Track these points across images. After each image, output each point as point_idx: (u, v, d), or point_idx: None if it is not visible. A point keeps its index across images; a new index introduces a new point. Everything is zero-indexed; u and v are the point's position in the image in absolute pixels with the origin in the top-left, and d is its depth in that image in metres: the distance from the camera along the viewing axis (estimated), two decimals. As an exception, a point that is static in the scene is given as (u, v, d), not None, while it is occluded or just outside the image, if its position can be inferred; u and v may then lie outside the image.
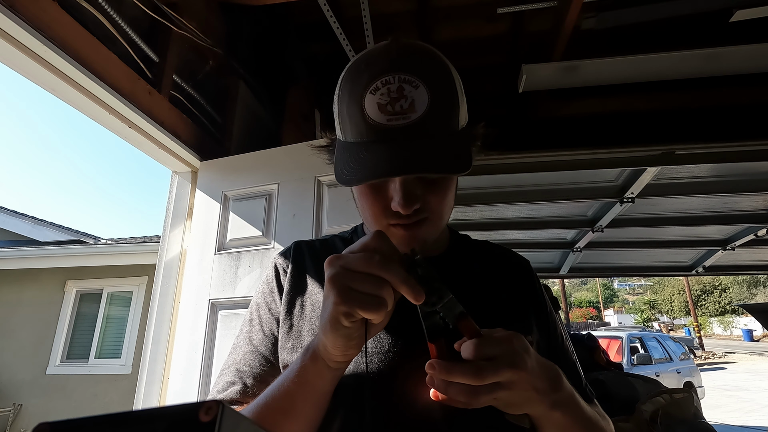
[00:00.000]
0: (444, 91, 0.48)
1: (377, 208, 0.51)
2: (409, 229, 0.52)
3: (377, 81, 0.47)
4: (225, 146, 1.79)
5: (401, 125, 0.46)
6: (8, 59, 1.04)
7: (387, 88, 0.46)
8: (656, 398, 2.11)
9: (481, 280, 0.61)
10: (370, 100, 0.47)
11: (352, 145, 0.49)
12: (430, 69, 0.48)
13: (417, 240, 0.53)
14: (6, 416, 5.01)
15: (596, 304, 43.65)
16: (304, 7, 1.76)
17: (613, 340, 7.14)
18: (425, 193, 0.50)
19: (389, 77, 0.47)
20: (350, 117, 0.49)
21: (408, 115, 0.46)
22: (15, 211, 6.31)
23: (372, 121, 0.47)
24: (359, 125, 0.48)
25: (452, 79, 0.50)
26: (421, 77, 0.47)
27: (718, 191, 2.34)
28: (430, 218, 0.52)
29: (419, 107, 0.46)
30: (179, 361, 1.42)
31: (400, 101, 0.46)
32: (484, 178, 2.29)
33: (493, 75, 2.16)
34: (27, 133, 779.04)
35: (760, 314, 3.33)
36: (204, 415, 0.18)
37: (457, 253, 0.64)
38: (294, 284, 0.61)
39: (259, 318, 0.62)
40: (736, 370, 14.46)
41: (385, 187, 0.50)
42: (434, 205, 0.52)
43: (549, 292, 2.74)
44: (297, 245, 0.67)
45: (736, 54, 1.65)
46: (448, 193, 0.53)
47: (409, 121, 0.46)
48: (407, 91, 0.46)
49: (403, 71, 0.47)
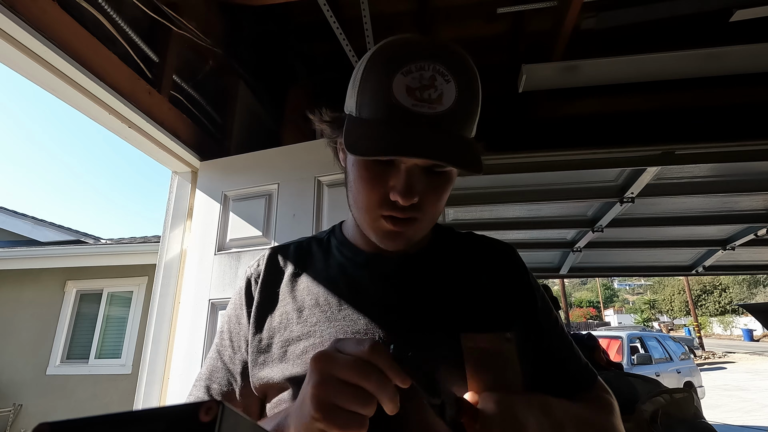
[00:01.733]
0: (470, 95, 0.48)
1: (375, 195, 0.50)
2: (399, 225, 0.51)
3: (412, 64, 0.46)
4: (225, 146, 1.79)
5: (426, 113, 0.45)
6: (8, 59, 1.04)
7: (420, 73, 0.45)
8: (656, 398, 2.11)
9: (462, 274, 0.59)
10: (399, 81, 0.45)
11: (369, 121, 0.47)
12: (464, 70, 0.48)
13: (404, 237, 0.52)
14: (6, 416, 5.01)
15: (596, 304, 43.64)
16: (304, 7, 1.76)
17: (613, 340, 7.14)
18: (425, 191, 0.49)
19: (425, 63, 0.46)
20: (374, 93, 0.47)
21: (434, 106, 0.45)
22: (15, 211, 6.31)
23: (396, 102, 0.45)
24: (381, 103, 0.46)
25: (478, 86, 0.50)
26: (454, 74, 0.46)
27: (718, 191, 2.34)
28: (420, 219, 0.51)
29: (446, 101, 0.45)
30: (179, 361, 1.42)
31: (429, 90, 0.45)
32: (484, 178, 2.29)
33: (493, 75, 2.16)
34: (27, 133, 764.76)
35: (760, 314, 3.33)
36: (204, 415, 0.18)
37: (439, 247, 0.62)
38: (265, 296, 0.58)
39: (229, 332, 0.60)
40: (736, 369, 14.46)
41: (386, 174, 0.49)
42: (429, 205, 0.51)
43: (549, 292, 2.74)
44: (271, 252, 0.64)
45: (736, 54, 1.65)
46: (444, 195, 0.53)
47: (435, 112, 0.45)
48: (438, 82, 0.45)
49: (440, 62, 0.46)
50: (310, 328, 0.53)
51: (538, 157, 2.06)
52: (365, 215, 0.52)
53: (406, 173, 0.48)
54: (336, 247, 0.62)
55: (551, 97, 2.11)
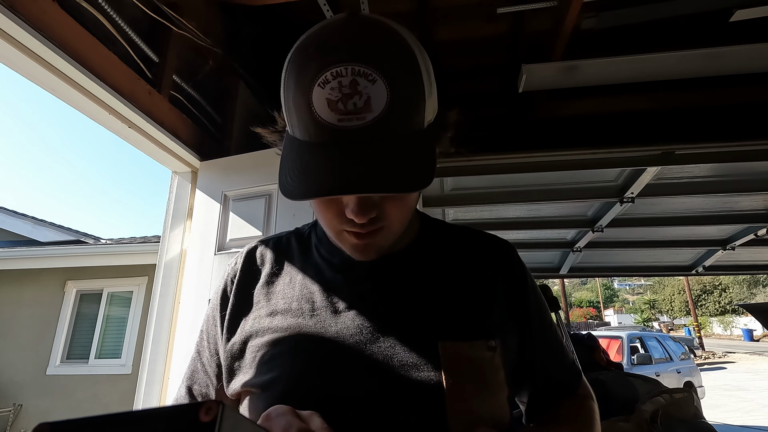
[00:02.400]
0: (407, 85, 0.41)
1: (330, 213, 0.46)
2: (364, 238, 0.47)
3: (327, 72, 0.39)
4: (225, 146, 1.79)
5: (354, 127, 0.39)
6: (8, 59, 1.04)
7: (338, 81, 0.39)
8: (656, 398, 2.11)
9: (448, 273, 0.54)
10: (318, 95, 0.39)
11: (300, 143, 0.43)
12: (391, 57, 0.40)
13: (373, 247, 0.49)
14: (6, 416, 5.01)
15: (596, 304, 43.63)
16: (304, 7, 1.76)
17: (613, 340, 7.13)
18: (383, 201, 0.45)
19: (341, 68, 0.39)
20: (297, 111, 0.41)
21: (363, 116, 0.39)
22: (15, 211, 6.32)
23: (321, 120, 0.40)
24: (307, 122, 0.41)
25: (418, 68, 0.42)
26: (379, 69, 0.39)
27: (718, 191, 2.34)
28: (387, 226, 0.47)
29: (376, 106, 0.39)
30: (179, 361, 1.42)
31: (353, 98, 0.39)
32: (484, 178, 2.29)
33: (493, 75, 2.16)
34: (27, 133, 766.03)
35: (760, 314, 3.33)
36: (204, 415, 0.18)
37: (423, 246, 0.57)
38: (239, 299, 0.56)
39: (206, 332, 0.59)
40: (736, 369, 14.46)
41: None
42: (392, 213, 0.46)
43: (549, 292, 2.74)
44: (248, 250, 0.61)
45: (736, 54, 1.65)
46: (407, 201, 0.48)
47: (364, 123, 0.39)
48: (362, 86, 0.39)
49: (358, 61, 0.39)
50: (281, 335, 0.50)
51: (538, 157, 2.06)
52: (330, 231, 0.50)
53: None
54: (315, 245, 0.59)
55: (551, 97, 2.11)
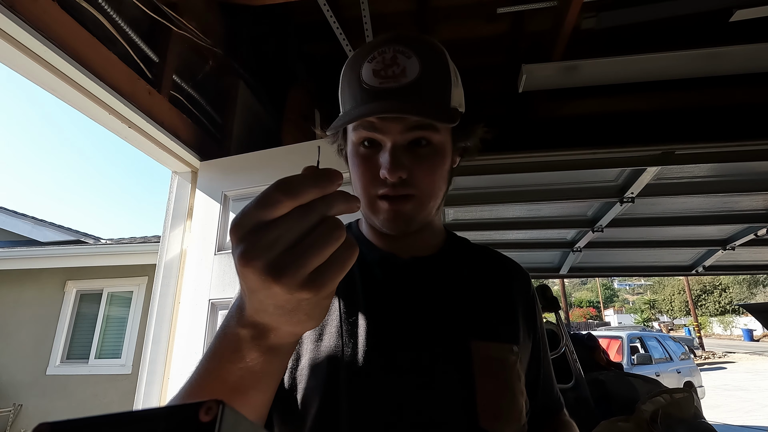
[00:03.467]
0: (436, 67, 0.51)
1: (367, 176, 0.53)
2: (395, 203, 0.52)
3: (374, 51, 0.51)
4: (225, 146, 1.79)
5: (392, 87, 0.49)
6: (8, 59, 1.04)
7: (382, 57, 0.50)
8: (656, 398, 2.11)
9: (471, 283, 0.60)
10: (366, 68, 0.50)
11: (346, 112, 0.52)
12: (424, 46, 0.52)
13: (402, 216, 0.53)
14: (6, 416, 5.01)
15: (596, 304, 43.62)
16: (303, 7, 1.76)
17: (613, 340, 7.14)
18: (413, 165, 0.51)
19: (385, 48, 0.50)
20: (349, 85, 0.52)
21: (399, 80, 0.49)
22: (15, 211, 6.31)
23: (366, 85, 0.50)
24: (355, 91, 0.51)
25: (446, 60, 0.53)
26: (414, 50, 0.50)
27: (718, 191, 2.33)
28: (416, 196, 0.53)
29: (410, 74, 0.49)
30: (179, 361, 1.42)
31: (393, 67, 0.49)
32: (484, 178, 2.29)
33: (493, 75, 2.16)
34: (27, 133, 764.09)
35: (760, 314, 3.33)
36: (204, 415, 0.18)
37: (451, 254, 0.63)
38: None
39: None
40: (736, 369, 14.46)
41: (375, 156, 0.52)
42: (421, 180, 0.52)
43: (549, 292, 2.74)
44: None
45: (736, 54, 1.65)
46: (436, 169, 0.53)
47: (401, 84, 0.49)
48: (400, 60, 0.49)
49: (399, 44, 0.50)
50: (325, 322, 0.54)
51: (538, 157, 2.06)
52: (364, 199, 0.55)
53: (391, 149, 0.50)
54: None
55: (551, 97, 2.11)
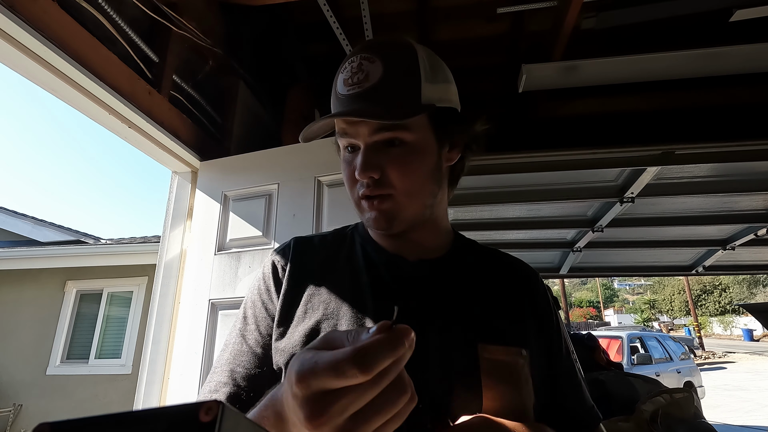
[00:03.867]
0: (401, 67, 0.54)
1: (350, 179, 0.57)
2: (373, 205, 0.55)
3: (346, 62, 0.56)
4: (225, 146, 1.79)
5: (356, 92, 0.53)
6: (8, 59, 1.04)
7: (351, 66, 0.54)
8: (656, 398, 2.11)
9: (478, 286, 0.59)
10: (339, 79, 0.55)
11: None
12: (390, 48, 0.55)
13: (384, 214, 0.55)
14: (6, 416, 5.01)
15: (596, 304, 43.62)
16: (303, 7, 1.76)
17: (613, 340, 7.14)
18: (385, 165, 0.53)
19: (354, 57, 0.55)
20: (331, 99, 0.57)
21: (363, 84, 0.53)
22: (15, 211, 6.31)
23: (339, 94, 0.55)
24: (333, 102, 0.56)
25: (414, 58, 0.55)
26: (378, 54, 0.54)
27: (718, 191, 2.33)
28: (394, 195, 0.55)
29: (373, 77, 0.52)
30: (179, 361, 1.42)
31: (358, 74, 0.53)
32: (484, 178, 2.29)
33: (493, 75, 2.16)
34: (27, 133, 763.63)
35: (760, 314, 3.33)
36: (204, 415, 0.18)
37: (458, 256, 0.63)
38: (292, 285, 0.59)
39: (254, 316, 0.59)
40: (737, 369, 14.46)
41: (354, 159, 0.56)
42: (395, 179, 0.54)
43: (549, 292, 2.74)
44: (296, 242, 0.65)
45: (736, 54, 1.65)
46: (411, 166, 0.55)
47: (363, 89, 0.52)
48: (365, 66, 0.53)
49: (366, 51, 0.54)
50: (336, 322, 0.54)
51: (538, 157, 2.06)
52: (354, 202, 0.58)
53: (362, 151, 0.54)
54: (360, 244, 0.64)
55: (551, 97, 2.11)
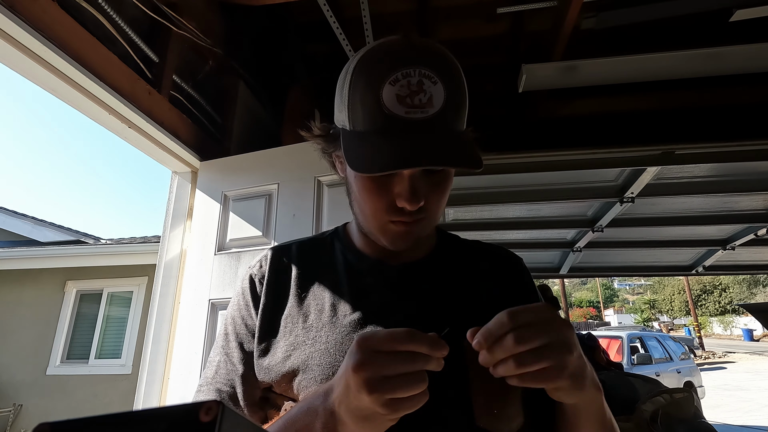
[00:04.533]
0: (457, 91, 0.49)
1: (381, 204, 0.51)
2: (409, 226, 0.52)
3: (398, 72, 0.46)
4: (225, 146, 1.79)
5: (420, 119, 0.46)
6: (8, 59, 1.04)
7: (407, 80, 0.46)
8: (656, 398, 2.11)
9: (465, 282, 0.59)
10: (388, 91, 0.46)
11: (365, 134, 0.48)
12: (447, 68, 0.48)
13: (412, 236, 0.53)
14: (6, 416, 5.01)
15: (596, 304, 43.61)
16: (303, 7, 1.76)
17: (613, 339, 7.14)
18: (428, 191, 0.51)
19: (410, 70, 0.46)
20: (364, 105, 0.48)
21: (426, 110, 0.46)
22: (15, 211, 6.31)
23: (389, 112, 0.46)
24: (375, 115, 0.47)
25: (463, 80, 0.51)
26: (439, 74, 0.47)
27: (718, 191, 2.33)
28: (427, 217, 0.53)
29: (437, 103, 0.46)
30: (179, 361, 1.42)
31: (419, 95, 0.46)
32: (484, 178, 2.29)
33: (493, 75, 2.16)
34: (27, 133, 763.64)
35: (760, 314, 3.32)
36: (204, 415, 0.18)
37: (443, 255, 0.62)
38: (270, 298, 0.58)
39: (235, 333, 0.58)
40: (737, 369, 14.46)
41: (389, 182, 0.50)
42: (434, 204, 0.52)
43: (549, 292, 2.74)
44: (273, 252, 0.63)
45: (736, 54, 1.64)
46: (447, 192, 0.54)
47: (428, 116, 0.46)
48: (426, 86, 0.46)
49: (424, 66, 0.46)
50: (315, 334, 0.53)
51: (538, 157, 2.06)
52: (373, 222, 0.53)
53: (409, 180, 0.49)
54: (341, 251, 0.62)
55: (551, 97, 2.11)
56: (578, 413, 0.46)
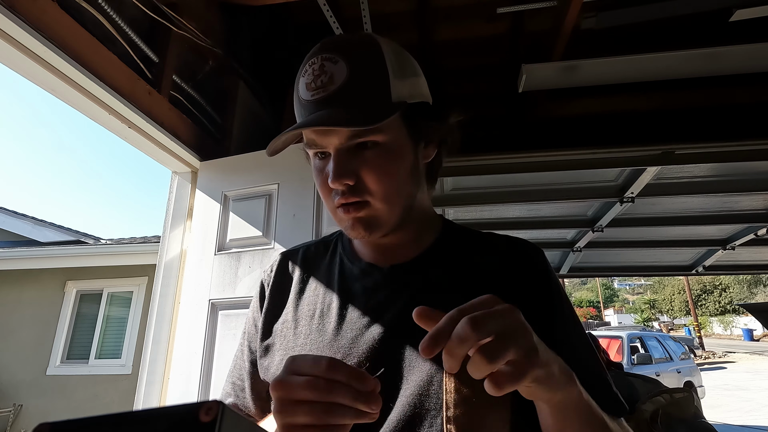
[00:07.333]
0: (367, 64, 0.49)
1: (324, 187, 0.52)
2: (349, 211, 0.51)
3: (306, 65, 0.51)
4: (225, 146, 1.79)
5: (322, 97, 0.48)
6: (8, 60, 1.04)
7: (312, 68, 0.50)
8: (656, 398, 2.11)
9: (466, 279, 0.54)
10: (301, 83, 0.51)
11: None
12: (353, 46, 0.50)
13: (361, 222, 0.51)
14: (6, 417, 5.01)
15: (596, 303, 43.59)
16: (303, 7, 1.76)
17: (613, 339, 7.14)
18: (360, 169, 0.49)
19: (314, 58, 0.50)
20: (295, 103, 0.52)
21: (328, 88, 0.48)
22: (15, 212, 6.32)
23: (302, 100, 0.50)
24: (297, 107, 0.52)
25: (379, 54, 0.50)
26: (341, 53, 0.49)
27: (718, 191, 2.33)
28: (372, 202, 0.50)
29: (338, 79, 0.48)
30: (179, 361, 1.42)
31: (321, 77, 0.49)
32: (484, 178, 2.29)
33: (492, 75, 2.16)
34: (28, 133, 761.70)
35: (760, 314, 3.33)
36: (204, 415, 0.19)
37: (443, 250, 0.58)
38: (273, 302, 0.61)
39: (247, 332, 0.63)
40: (737, 369, 14.46)
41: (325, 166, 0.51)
42: (372, 184, 0.50)
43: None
44: (282, 258, 0.66)
45: (736, 54, 1.64)
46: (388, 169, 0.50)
47: (329, 93, 0.48)
48: (327, 67, 0.49)
49: (327, 51, 0.50)
50: (303, 341, 0.54)
51: (538, 157, 2.06)
52: (331, 212, 0.55)
53: (334, 158, 0.50)
54: (339, 254, 0.63)
55: (551, 97, 2.11)
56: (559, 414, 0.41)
